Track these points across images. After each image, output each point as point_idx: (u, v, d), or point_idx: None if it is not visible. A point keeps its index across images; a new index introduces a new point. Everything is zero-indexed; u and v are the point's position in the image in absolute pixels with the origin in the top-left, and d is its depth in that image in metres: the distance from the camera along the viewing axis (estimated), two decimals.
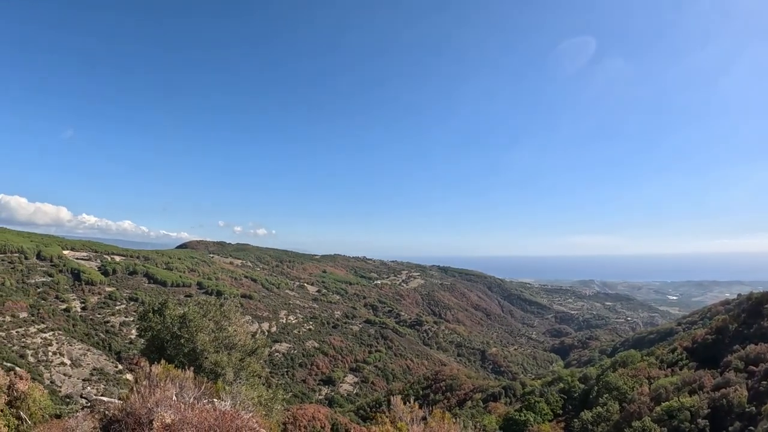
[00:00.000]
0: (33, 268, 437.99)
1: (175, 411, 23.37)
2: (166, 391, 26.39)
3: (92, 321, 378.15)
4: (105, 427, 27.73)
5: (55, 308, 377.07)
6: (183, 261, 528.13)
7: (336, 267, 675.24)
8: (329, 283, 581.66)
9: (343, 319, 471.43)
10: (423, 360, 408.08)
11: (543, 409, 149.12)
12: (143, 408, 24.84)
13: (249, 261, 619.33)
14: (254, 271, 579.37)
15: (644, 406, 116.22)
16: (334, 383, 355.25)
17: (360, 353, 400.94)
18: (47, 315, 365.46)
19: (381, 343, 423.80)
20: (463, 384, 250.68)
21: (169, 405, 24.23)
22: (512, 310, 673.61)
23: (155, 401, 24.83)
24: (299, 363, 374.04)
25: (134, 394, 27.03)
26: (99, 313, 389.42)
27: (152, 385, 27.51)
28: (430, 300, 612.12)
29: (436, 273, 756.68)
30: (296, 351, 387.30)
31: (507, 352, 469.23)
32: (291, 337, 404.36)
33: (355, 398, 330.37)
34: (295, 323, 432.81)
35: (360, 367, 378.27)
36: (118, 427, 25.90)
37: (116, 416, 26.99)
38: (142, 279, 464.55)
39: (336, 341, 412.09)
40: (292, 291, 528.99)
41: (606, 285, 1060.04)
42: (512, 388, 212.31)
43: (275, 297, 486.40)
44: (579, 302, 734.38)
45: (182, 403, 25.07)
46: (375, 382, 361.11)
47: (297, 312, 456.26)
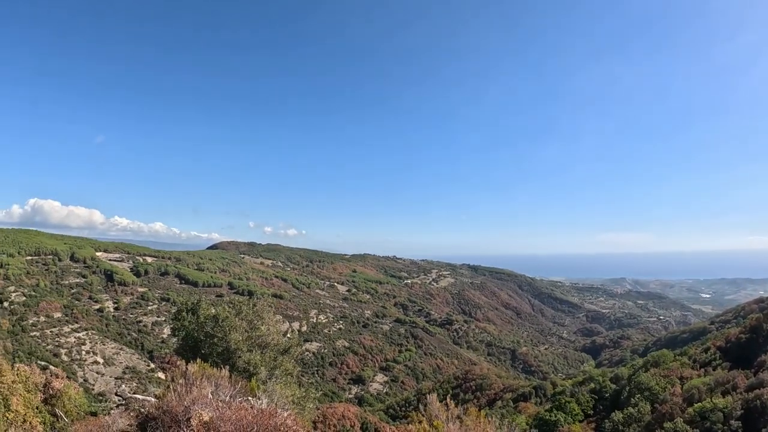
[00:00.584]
0: (67, 269, 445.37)
1: (212, 408, 23.74)
2: (202, 389, 26.78)
3: (125, 321, 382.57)
4: (141, 424, 28.10)
5: (88, 308, 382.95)
6: (214, 261, 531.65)
7: (366, 266, 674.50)
8: (359, 282, 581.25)
9: (374, 318, 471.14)
10: (453, 359, 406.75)
11: (574, 409, 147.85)
12: (180, 406, 25.22)
13: (279, 261, 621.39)
14: (285, 271, 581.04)
15: (676, 407, 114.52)
16: (363, 382, 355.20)
17: (390, 352, 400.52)
18: (81, 315, 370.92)
19: (411, 342, 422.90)
20: (493, 383, 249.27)
21: (205, 403, 24.59)
22: (543, 309, 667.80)
23: (192, 399, 25.22)
24: (329, 362, 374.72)
25: (171, 392, 27.42)
26: (131, 313, 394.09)
27: (188, 384, 27.93)
28: (461, 299, 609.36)
29: (467, 272, 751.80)
30: (326, 350, 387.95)
31: (537, 352, 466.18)
32: (321, 337, 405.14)
33: (384, 397, 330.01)
34: (325, 322, 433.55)
35: (390, 366, 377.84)
36: (154, 425, 26.27)
37: (153, 414, 27.34)
38: (174, 279, 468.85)
39: (366, 340, 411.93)
40: (323, 290, 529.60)
41: (638, 283, 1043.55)
42: (543, 388, 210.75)
43: (305, 296, 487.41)
44: (610, 301, 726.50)
45: (219, 401, 25.43)
46: (405, 381, 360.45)
47: (327, 311, 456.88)
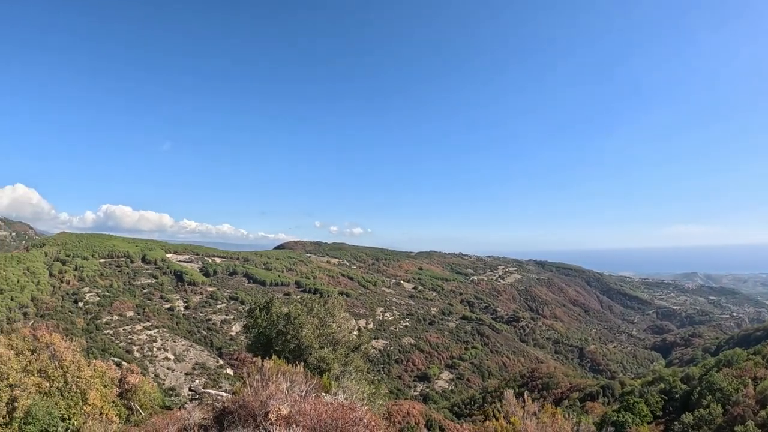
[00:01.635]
0: (138, 270, 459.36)
1: (290, 403, 24.05)
2: (278, 384, 27.13)
3: (194, 319, 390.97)
4: (217, 418, 28.70)
5: (159, 307, 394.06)
6: (281, 261, 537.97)
7: (432, 264, 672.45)
8: (425, 279, 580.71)
9: (440, 315, 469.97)
10: (519, 357, 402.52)
11: (642, 410, 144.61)
12: (256, 401, 25.68)
13: (345, 260, 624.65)
14: (351, 269, 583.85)
15: (749, 409, 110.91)
16: (429, 379, 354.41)
17: (456, 350, 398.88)
18: (152, 314, 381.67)
19: (477, 340, 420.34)
20: (560, 382, 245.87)
21: (282, 398, 24.95)
22: (611, 306, 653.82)
23: (268, 394, 25.65)
24: (395, 359, 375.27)
25: (247, 388, 27.94)
26: (201, 311, 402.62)
27: (264, 379, 28.36)
28: (527, 295, 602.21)
29: (533, 268, 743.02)
30: (392, 347, 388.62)
31: (606, 350, 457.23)
32: (387, 334, 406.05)
33: (450, 395, 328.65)
34: (391, 320, 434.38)
35: (456, 363, 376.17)
36: (231, 419, 26.80)
37: (229, 408, 27.86)
38: (242, 279, 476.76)
39: (432, 338, 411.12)
40: (389, 288, 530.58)
41: (710, 278, 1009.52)
42: (611, 388, 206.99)
43: (372, 294, 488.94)
44: (681, 297, 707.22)
45: (295, 396, 25.74)
46: (470, 378, 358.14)
47: (393, 309, 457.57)
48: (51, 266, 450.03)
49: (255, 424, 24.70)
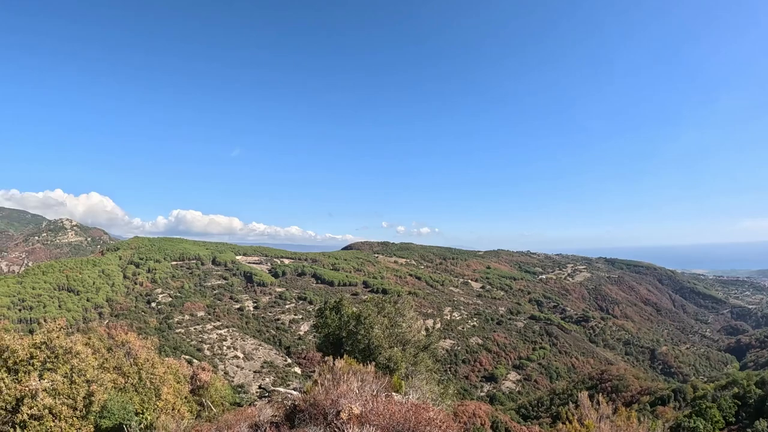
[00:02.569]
0: (209, 272, 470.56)
1: (362, 402, 23.98)
2: (349, 384, 27.12)
3: (263, 319, 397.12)
4: (288, 416, 28.84)
5: (229, 307, 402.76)
6: (349, 261, 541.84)
7: (500, 262, 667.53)
8: (493, 278, 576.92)
9: (507, 315, 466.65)
10: (588, 358, 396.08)
11: (714, 416, 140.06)
12: (327, 399, 25.70)
13: (413, 259, 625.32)
14: (418, 269, 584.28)
15: None
16: (496, 380, 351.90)
17: (524, 350, 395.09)
18: (222, 314, 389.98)
19: (545, 340, 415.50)
20: (630, 385, 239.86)
21: (353, 397, 24.91)
22: (684, 305, 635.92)
23: (339, 393, 25.65)
24: (462, 359, 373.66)
25: (318, 386, 28.04)
26: (270, 311, 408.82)
27: (335, 378, 28.40)
28: (597, 294, 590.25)
29: (603, 266, 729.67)
30: (459, 347, 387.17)
31: (678, 352, 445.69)
32: (455, 334, 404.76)
33: (516, 396, 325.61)
34: (459, 320, 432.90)
35: (523, 364, 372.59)
36: (301, 417, 26.91)
37: (300, 406, 27.98)
38: (310, 279, 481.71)
39: (500, 338, 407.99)
40: (456, 288, 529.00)
41: None
42: (682, 392, 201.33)
43: (439, 294, 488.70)
44: (758, 295, 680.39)
45: (366, 395, 25.67)
46: (538, 380, 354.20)
47: (461, 308, 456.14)
48: (125, 269, 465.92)
49: (326, 423, 24.78)
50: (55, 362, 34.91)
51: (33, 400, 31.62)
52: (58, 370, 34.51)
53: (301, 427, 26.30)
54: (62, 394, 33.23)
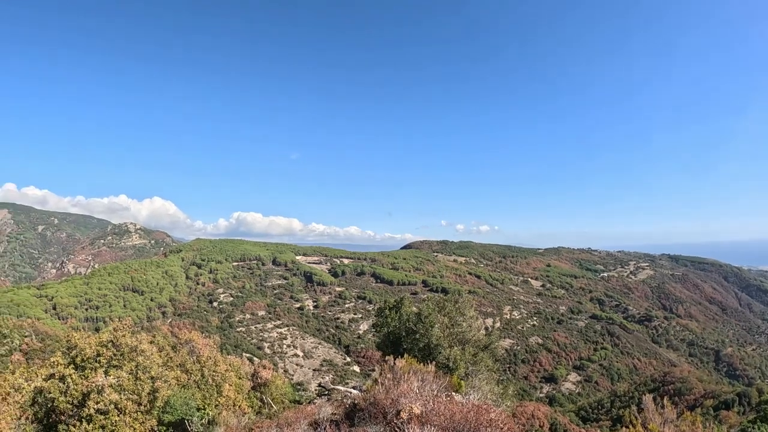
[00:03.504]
0: (269, 272, 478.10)
1: (422, 402, 23.89)
2: (409, 383, 27.06)
3: (323, 318, 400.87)
4: (348, 414, 28.91)
5: (289, 307, 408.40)
6: (408, 260, 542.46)
7: (560, 260, 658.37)
8: (553, 277, 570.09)
9: (568, 314, 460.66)
10: (651, 359, 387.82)
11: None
12: (387, 399, 25.67)
13: (472, 258, 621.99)
14: (477, 267, 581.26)
15: None
16: (555, 381, 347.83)
17: (584, 350, 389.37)
18: (282, 313, 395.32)
19: (607, 340, 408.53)
20: (694, 388, 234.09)
21: (413, 396, 24.84)
22: (750, 304, 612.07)
23: (399, 392, 25.60)
24: (522, 359, 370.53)
25: (378, 385, 28.06)
26: (329, 310, 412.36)
27: (396, 378, 28.37)
28: (660, 293, 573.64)
29: (666, 263, 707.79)
30: (519, 347, 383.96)
31: (744, 353, 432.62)
32: (514, 333, 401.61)
33: (576, 398, 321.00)
34: (518, 319, 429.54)
35: (584, 364, 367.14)
36: (361, 416, 26.92)
37: (360, 405, 28.02)
38: (370, 279, 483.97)
39: (560, 337, 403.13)
40: (516, 286, 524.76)
41: None
42: (747, 396, 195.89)
43: (499, 292, 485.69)
44: None
45: (427, 395, 25.58)
46: (599, 381, 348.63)
47: (521, 307, 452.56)
48: (187, 270, 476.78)
49: (385, 422, 24.76)
50: (121, 360, 35.95)
51: (99, 395, 32.65)
52: (124, 367, 35.52)
53: (360, 425, 26.35)
54: (127, 390, 34.23)
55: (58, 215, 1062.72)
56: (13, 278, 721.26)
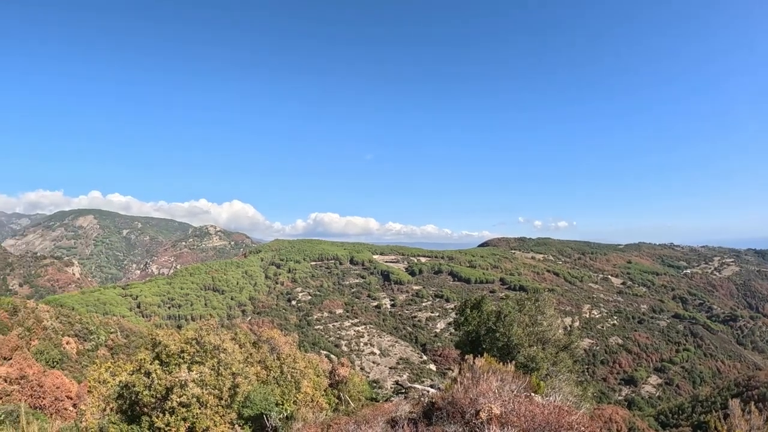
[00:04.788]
0: (347, 271, 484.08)
1: (501, 402, 23.61)
2: (489, 383, 26.79)
3: (400, 316, 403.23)
4: (426, 413, 28.79)
5: (367, 305, 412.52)
6: (485, 258, 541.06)
7: (641, 256, 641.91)
8: (634, 274, 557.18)
9: (650, 313, 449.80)
10: (735, 361, 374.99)
11: None
12: (466, 398, 25.45)
13: (550, 255, 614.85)
14: (556, 264, 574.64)
15: None
16: (635, 383, 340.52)
17: (666, 351, 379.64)
18: (360, 311, 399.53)
19: (689, 341, 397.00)
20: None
21: (492, 396, 24.55)
22: None
23: (478, 392, 25.34)
24: (601, 360, 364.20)
25: (457, 384, 27.85)
26: (406, 309, 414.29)
27: (475, 377, 28.13)
28: (746, 290, 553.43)
29: (752, 258, 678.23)
30: (598, 347, 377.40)
31: None
32: (594, 333, 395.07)
33: (656, 401, 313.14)
34: (598, 318, 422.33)
35: (665, 366, 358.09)
36: (439, 415, 26.79)
37: (438, 404, 27.89)
38: (447, 277, 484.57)
39: (641, 337, 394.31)
40: (596, 284, 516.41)
41: None
42: None
43: (578, 290, 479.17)
44: None
45: (506, 395, 25.27)
46: (680, 384, 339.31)
47: (600, 306, 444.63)
48: (266, 269, 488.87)
49: (464, 422, 24.54)
50: (204, 356, 37.00)
51: (182, 390, 33.51)
52: (206, 363, 36.49)
53: (438, 425, 26.17)
54: (209, 385, 35.09)
55: (142, 219, 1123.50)
56: (100, 279, 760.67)
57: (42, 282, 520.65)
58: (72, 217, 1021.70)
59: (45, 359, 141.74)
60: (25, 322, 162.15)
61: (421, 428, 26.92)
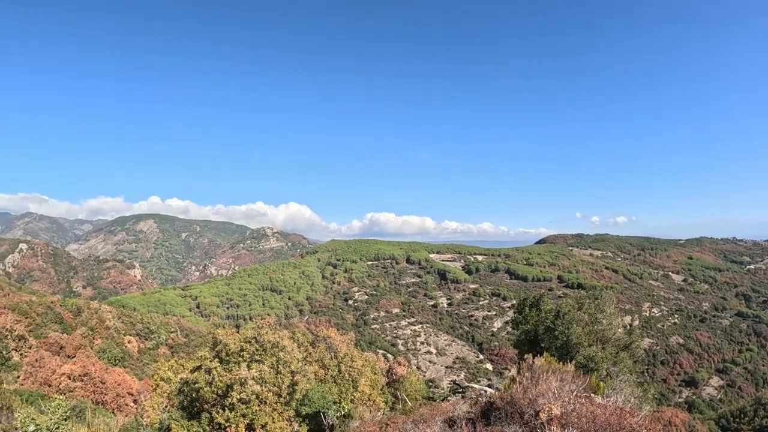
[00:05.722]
0: (403, 271, 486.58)
1: (561, 403, 23.38)
2: (548, 383, 26.56)
3: (457, 315, 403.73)
4: (484, 413, 28.64)
5: (423, 304, 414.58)
6: (542, 256, 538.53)
7: (702, 252, 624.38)
8: (696, 270, 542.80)
9: (712, 311, 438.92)
10: None
11: None
12: (525, 398, 25.25)
13: (609, 251, 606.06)
14: (615, 261, 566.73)
15: None
16: (696, 385, 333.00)
17: (728, 351, 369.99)
18: (416, 310, 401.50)
19: (753, 340, 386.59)
20: None
21: (551, 397, 24.32)
22: None
23: (537, 392, 25.13)
24: (661, 360, 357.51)
25: (516, 384, 27.65)
26: (463, 308, 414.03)
27: (534, 377, 27.91)
28: None
29: None
30: (658, 347, 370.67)
31: None
32: (654, 332, 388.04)
33: (717, 404, 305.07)
34: (658, 316, 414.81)
35: (727, 368, 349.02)
36: (497, 415, 26.62)
37: (496, 404, 27.72)
38: (504, 275, 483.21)
39: (703, 337, 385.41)
40: (656, 281, 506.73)
41: None
42: None
43: (637, 288, 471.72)
44: None
45: (565, 396, 25.02)
46: (742, 386, 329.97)
47: (661, 304, 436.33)
48: (323, 270, 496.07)
49: (522, 422, 24.33)
50: (263, 355, 37.80)
51: (242, 387, 34.30)
52: (265, 361, 37.27)
53: (497, 425, 25.97)
54: (268, 383, 35.86)
55: (200, 223, 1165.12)
56: (160, 280, 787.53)
57: (104, 284, 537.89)
58: (133, 222, 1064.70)
59: (107, 357, 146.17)
60: (88, 322, 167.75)
61: (479, 428, 26.80)
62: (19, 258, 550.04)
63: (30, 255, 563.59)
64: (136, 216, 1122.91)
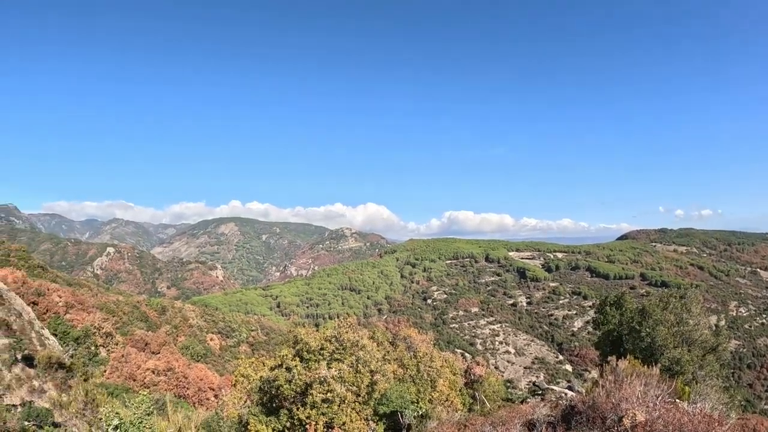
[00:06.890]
0: (482, 269, 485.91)
1: (646, 409, 22.81)
2: (632, 387, 25.95)
3: (536, 314, 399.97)
4: (564, 416, 28.22)
5: (502, 303, 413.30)
6: (624, 252, 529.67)
7: None
8: None
9: None
10: None
11: None
12: (608, 403, 24.73)
13: (694, 247, 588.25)
14: (700, 257, 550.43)
15: None
16: None
17: None
18: (495, 309, 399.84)
19: None
20: None
21: (635, 402, 23.75)
22: None
23: (620, 397, 24.57)
24: (747, 363, 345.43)
25: (598, 387, 27.11)
26: (543, 306, 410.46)
27: (618, 380, 27.32)
28: None
29: None
30: (745, 349, 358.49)
31: None
32: (740, 333, 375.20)
33: None
34: (746, 316, 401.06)
35: None
36: (578, 419, 26.16)
37: (578, 407, 27.26)
38: (584, 273, 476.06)
39: None
40: (743, 278, 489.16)
41: None
42: None
43: (724, 285, 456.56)
44: None
45: (650, 401, 24.39)
46: None
47: (748, 302, 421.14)
48: (402, 269, 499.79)
49: (604, 428, 23.83)
50: (343, 354, 38.19)
51: (321, 386, 34.68)
52: (345, 360, 37.61)
53: (578, 429, 25.56)
54: (347, 382, 36.15)
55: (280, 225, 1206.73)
56: (242, 281, 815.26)
57: (188, 284, 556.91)
58: (214, 225, 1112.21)
59: (190, 354, 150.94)
60: (172, 320, 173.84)
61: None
62: (107, 261, 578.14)
63: (117, 258, 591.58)
64: (218, 219, 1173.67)
